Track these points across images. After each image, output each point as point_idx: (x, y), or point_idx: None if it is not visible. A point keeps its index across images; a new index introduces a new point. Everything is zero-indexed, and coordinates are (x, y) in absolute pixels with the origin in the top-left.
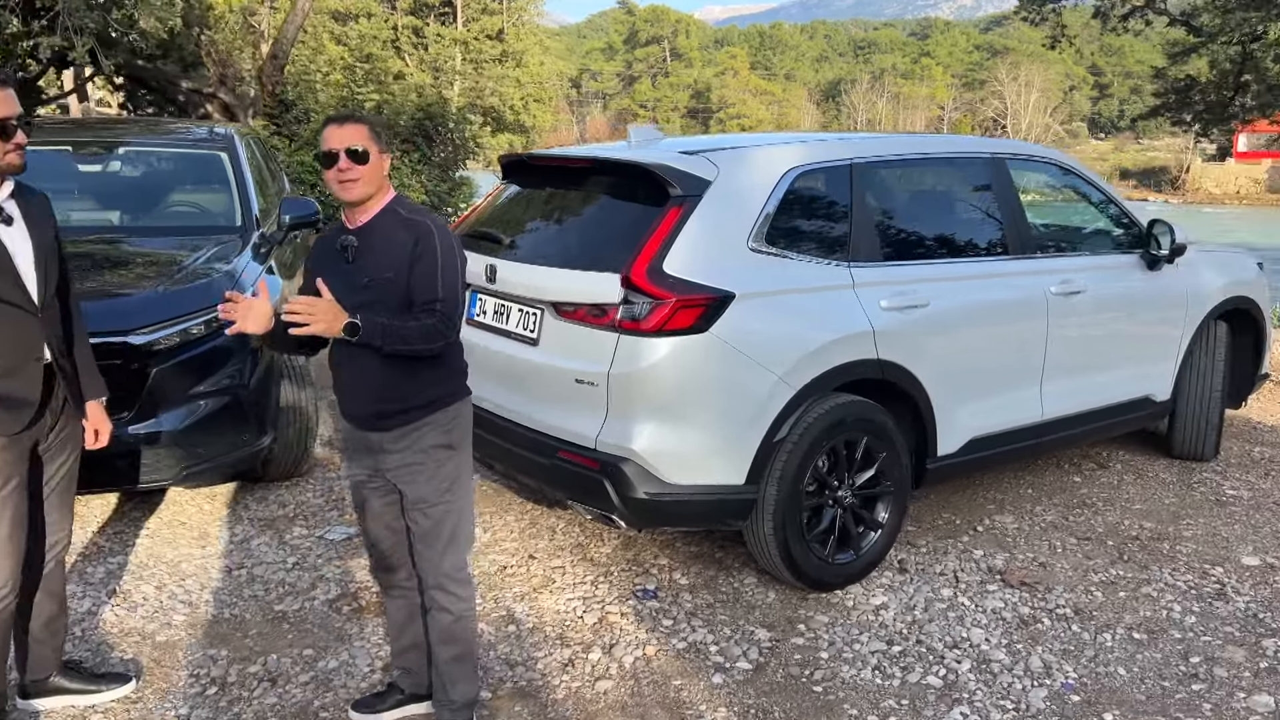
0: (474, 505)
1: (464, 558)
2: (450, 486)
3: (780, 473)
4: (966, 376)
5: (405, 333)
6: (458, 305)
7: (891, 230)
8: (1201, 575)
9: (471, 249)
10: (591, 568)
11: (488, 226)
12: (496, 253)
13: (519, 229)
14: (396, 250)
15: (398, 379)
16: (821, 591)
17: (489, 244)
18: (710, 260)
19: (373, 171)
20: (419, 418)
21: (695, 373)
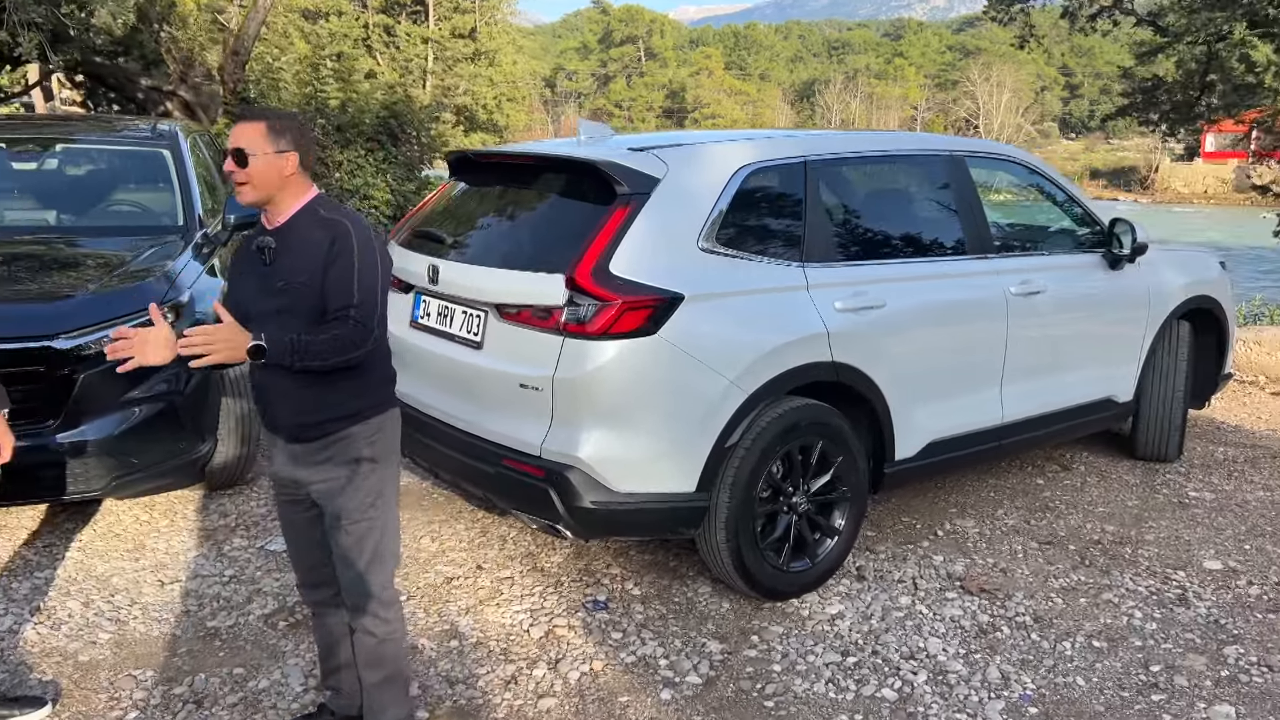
0: (399, 522)
1: (389, 577)
2: (374, 502)
3: (733, 479)
4: (924, 379)
5: (316, 347)
6: (375, 311)
7: (847, 229)
8: (1163, 580)
9: (415, 249)
10: (541, 578)
11: (431, 225)
12: (440, 253)
13: (463, 228)
14: (312, 252)
15: (317, 390)
16: (776, 601)
17: (432, 244)
18: (659, 260)
19: (260, 174)
20: (339, 430)
21: (643, 377)
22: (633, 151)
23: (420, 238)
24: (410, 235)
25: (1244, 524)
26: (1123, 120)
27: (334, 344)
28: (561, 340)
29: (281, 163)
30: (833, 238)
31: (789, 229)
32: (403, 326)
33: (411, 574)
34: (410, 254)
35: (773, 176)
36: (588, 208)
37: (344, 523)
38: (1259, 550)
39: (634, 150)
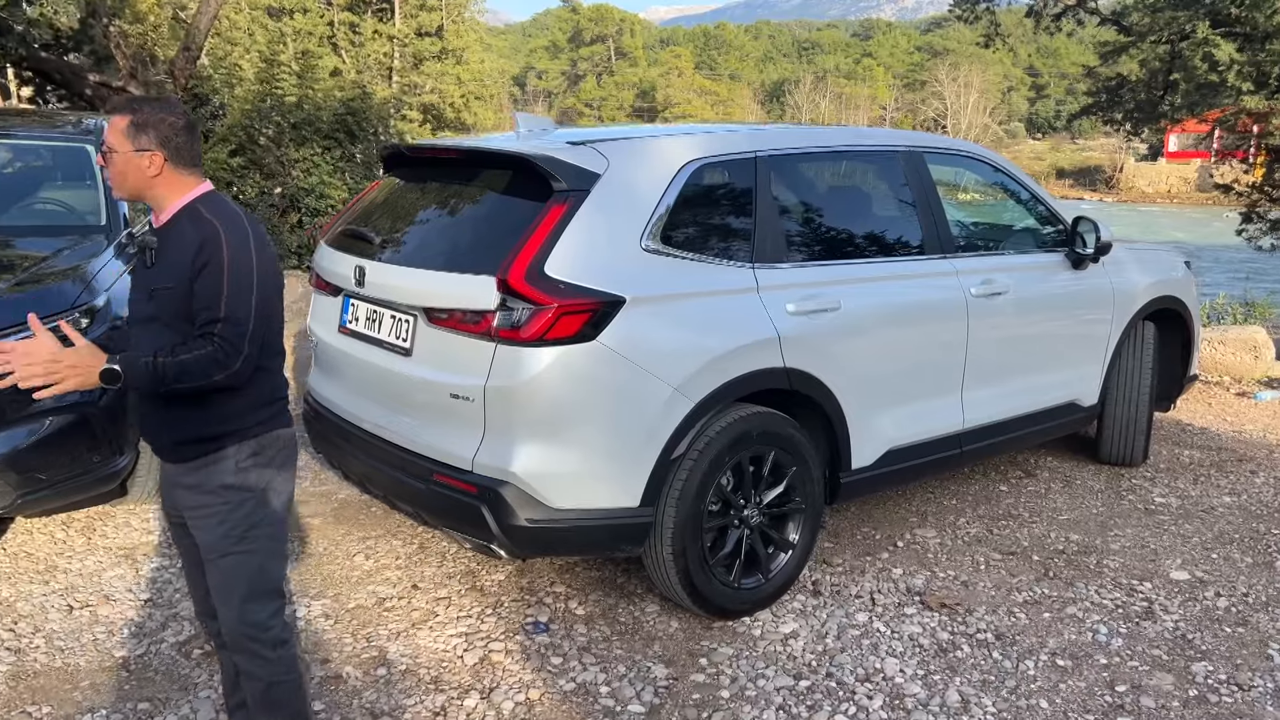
0: (283, 554)
1: (271, 614)
2: (245, 534)
3: (679, 493)
4: (881, 384)
5: (175, 369)
6: (246, 328)
7: (800, 228)
8: (1129, 592)
9: (343, 249)
10: (480, 598)
11: (360, 225)
12: (368, 253)
13: (394, 227)
14: (181, 256)
15: (185, 407)
16: (728, 619)
17: (360, 244)
18: (598, 261)
19: (119, 173)
20: (209, 451)
21: (581, 386)
22: (572, 145)
23: (349, 238)
24: (339, 235)
25: (1211, 531)
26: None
27: (197, 365)
28: (494, 347)
29: (141, 162)
30: (785, 237)
31: (739, 228)
32: (331, 332)
33: (342, 594)
34: (338, 255)
35: (721, 172)
36: (523, 205)
37: (213, 556)
38: (1226, 559)
39: (573, 144)
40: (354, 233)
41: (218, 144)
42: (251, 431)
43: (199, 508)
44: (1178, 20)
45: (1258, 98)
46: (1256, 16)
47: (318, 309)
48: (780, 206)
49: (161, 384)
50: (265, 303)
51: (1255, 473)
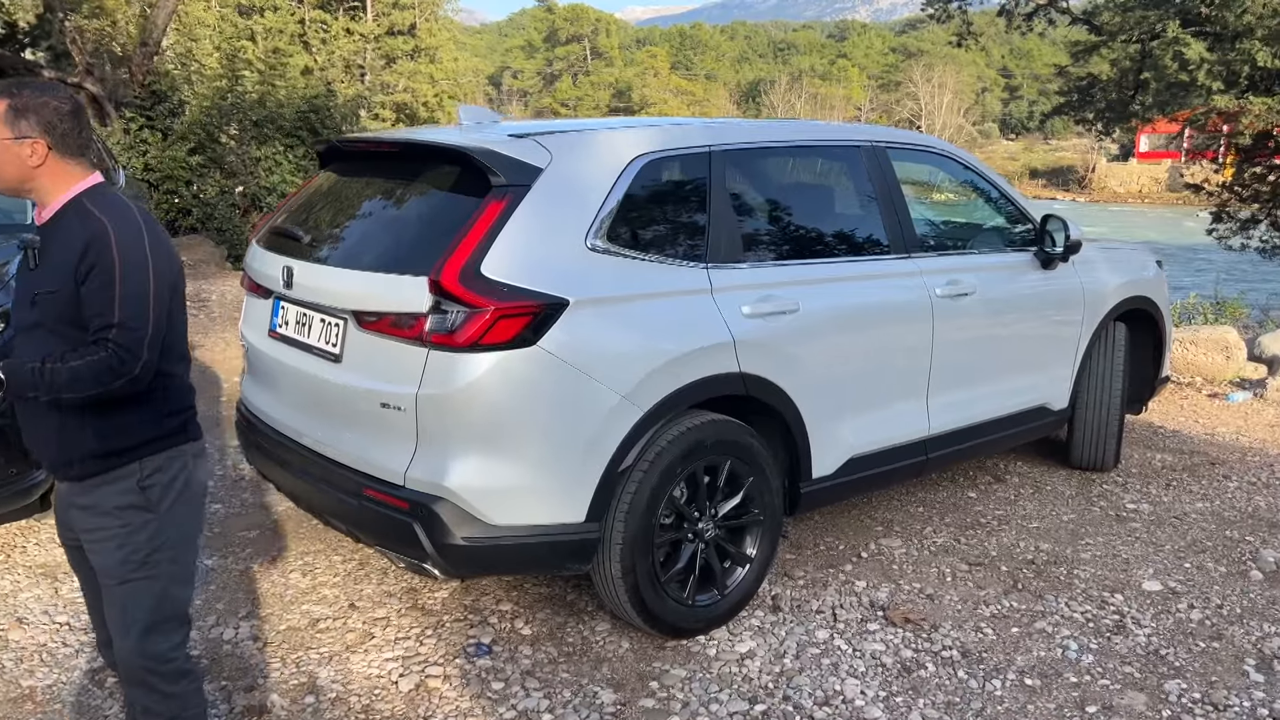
0: (190, 580)
1: (174, 646)
2: (147, 559)
3: (628, 507)
4: (842, 390)
5: (66, 376)
6: (144, 333)
7: (757, 227)
8: (1100, 605)
9: (273, 249)
10: (421, 618)
11: (290, 223)
12: (296, 253)
13: (326, 225)
14: (68, 257)
15: (78, 421)
16: (681, 639)
17: (289, 243)
18: (539, 261)
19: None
20: (106, 469)
21: (520, 394)
22: (513, 138)
23: (279, 237)
24: (269, 234)
25: (1184, 539)
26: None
27: (90, 372)
28: (426, 353)
29: (21, 151)
30: (741, 236)
31: (692, 226)
32: (261, 336)
33: (274, 615)
34: (268, 255)
35: (673, 167)
36: (460, 201)
37: (110, 582)
38: (1199, 569)
39: (515, 137)
40: (283, 231)
41: (176, 142)
42: (153, 446)
43: (95, 530)
44: (1148, 20)
45: (1227, 97)
46: (1226, 16)
47: (249, 312)
48: (736, 203)
49: (49, 391)
50: (163, 303)
51: (1228, 477)
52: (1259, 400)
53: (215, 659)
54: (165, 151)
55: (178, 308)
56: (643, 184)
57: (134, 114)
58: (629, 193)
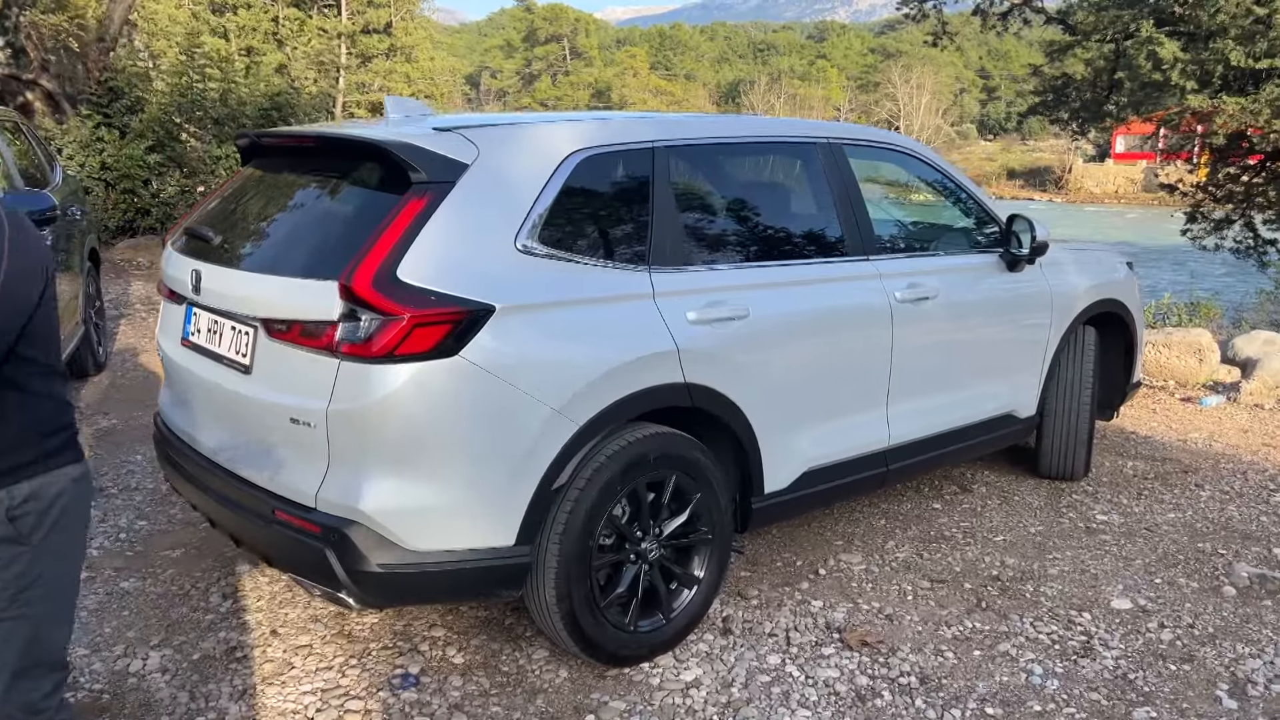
0: (70, 616)
1: (44, 694)
2: (16, 597)
3: (563, 528)
4: (797, 399)
5: None
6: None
7: (703, 227)
8: (1067, 625)
9: (186, 252)
10: (346, 646)
11: (202, 223)
12: (205, 255)
13: (238, 225)
14: None
15: None
16: (623, 667)
17: (200, 245)
18: (463, 264)
19: None
20: None
21: (441, 409)
22: (438, 132)
23: (191, 238)
24: (181, 235)
25: (1154, 552)
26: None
27: None
28: (337, 364)
29: None
30: (687, 237)
31: (633, 227)
32: (175, 345)
33: (188, 643)
34: (179, 258)
35: (613, 164)
36: (379, 200)
37: None
38: (1171, 584)
39: (440, 130)
40: (194, 232)
41: (134, 140)
42: (25, 471)
43: None
44: (1122, 19)
45: (1201, 96)
46: (1200, 15)
47: (165, 319)
48: (682, 203)
49: None
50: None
51: (1200, 485)
52: (1232, 404)
53: (118, 694)
54: (123, 150)
55: (44, 315)
56: (579, 181)
57: (90, 111)
58: (564, 191)
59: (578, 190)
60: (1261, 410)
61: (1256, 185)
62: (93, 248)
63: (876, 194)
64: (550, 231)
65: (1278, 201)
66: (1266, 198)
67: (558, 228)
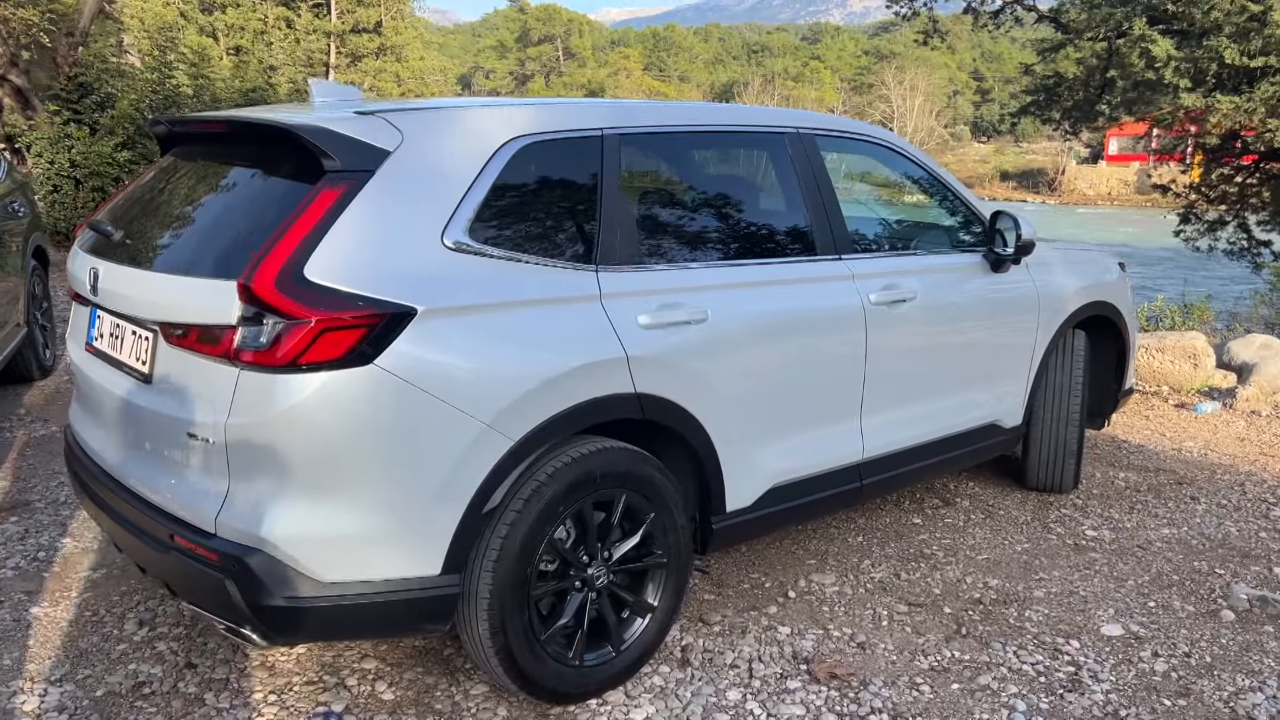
0: None
1: None
2: None
3: (497, 554)
4: (760, 410)
5: None
6: None
7: (658, 223)
8: (1053, 654)
9: (87, 248)
10: (267, 679)
11: (106, 217)
12: (105, 253)
13: (142, 220)
14: None
15: None
16: (568, 704)
17: (101, 241)
18: (382, 262)
19: None
20: None
21: (353, 423)
22: (360, 115)
23: (93, 233)
24: (86, 231)
25: (1147, 572)
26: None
27: None
28: (237, 373)
29: None
30: (640, 233)
31: (579, 222)
32: (80, 350)
33: (94, 677)
34: (83, 256)
35: (557, 153)
36: (290, 191)
37: None
38: (1165, 607)
39: (362, 114)
40: (96, 227)
41: (104, 137)
42: None
43: None
44: (1114, 17)
45: (1195, 95)
46: (1193, 12)
47: (74, 322)
48: (634, 196)
49: None
50: None
51: (1196, 499)
52: (1228, 411)
53: None
54: (92, 146)
55: None
56: (517, 171)
57: (59, 107)
58: (500, 181)
59: (516, 181)
60: (1258, 417)
61: (1250, 186)
62: (39, 246)
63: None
64: (484, 226)
65: (1272, 202)
66: (1260, 198)
67: (493, 222)
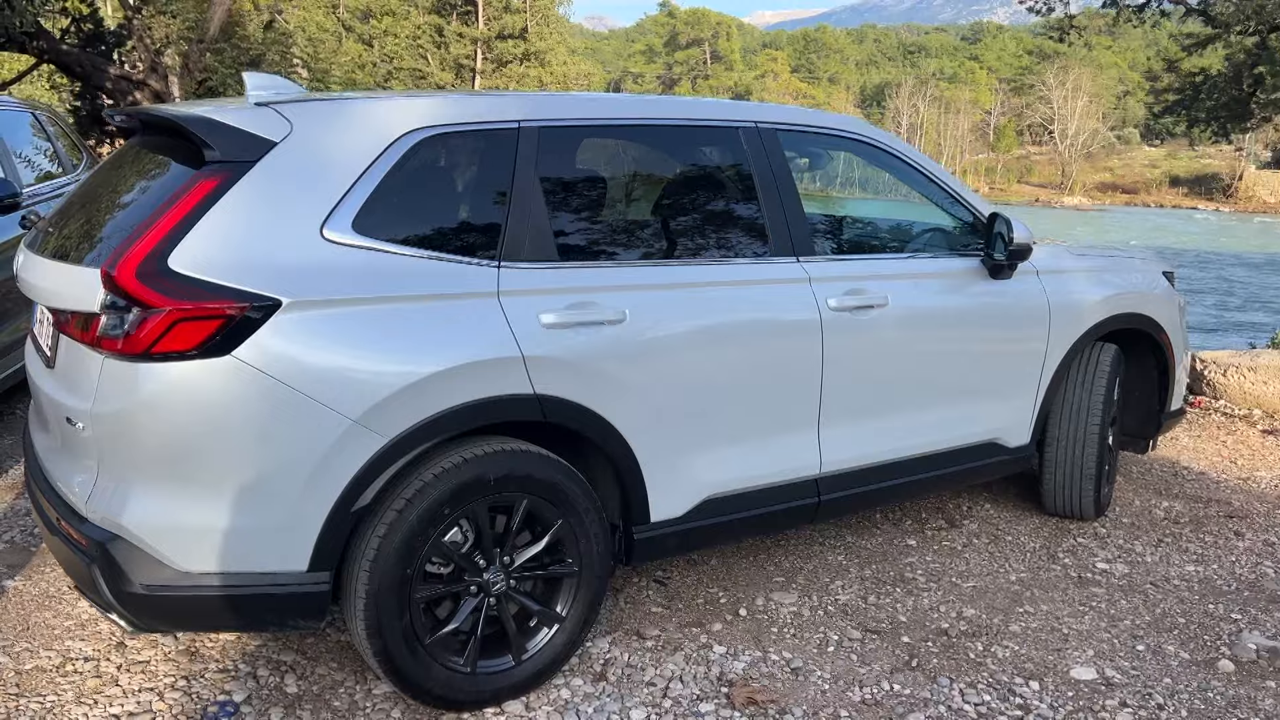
0: None
1: None
2: None
3: (374, 554)
4: (690, 418)
5: None
6: None
7: (579, 220)
8: (1005, 695)
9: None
10: (185, 664)
11: (54, 212)
12: (30, 241)
13: (67, 209)
14: None
15: None
16: (459, 712)
17: (33, 230)
18: (252, 253)
19: None
20: None
21: (209, 415)
22: (257, 107)
23: (33, 220)
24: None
25: (1151, 612)
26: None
27: None
28: (101, 360)
29: None
30: (556, 230)
31: (483, 217)
32: (31, 335)
33: (30, 650)
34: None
35: (463, 146)
36: (173, 181)
37: None
38: (1156, 653)
39: (259, 105)
40: (31, 217)
41: None
42: None
43: None
44: (1266, 9)
45: None
46: None
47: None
48: (550, 192)
49: None
50: None
51: (1240, 534)
52: None
53: None
54: None
55: None
56: (415, 164)
57: None
58: (394, 174)
59: (413, 174)
60: None
61: None
62: None
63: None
64: (371, 219)
65: None
66: None
67: (382, 215)
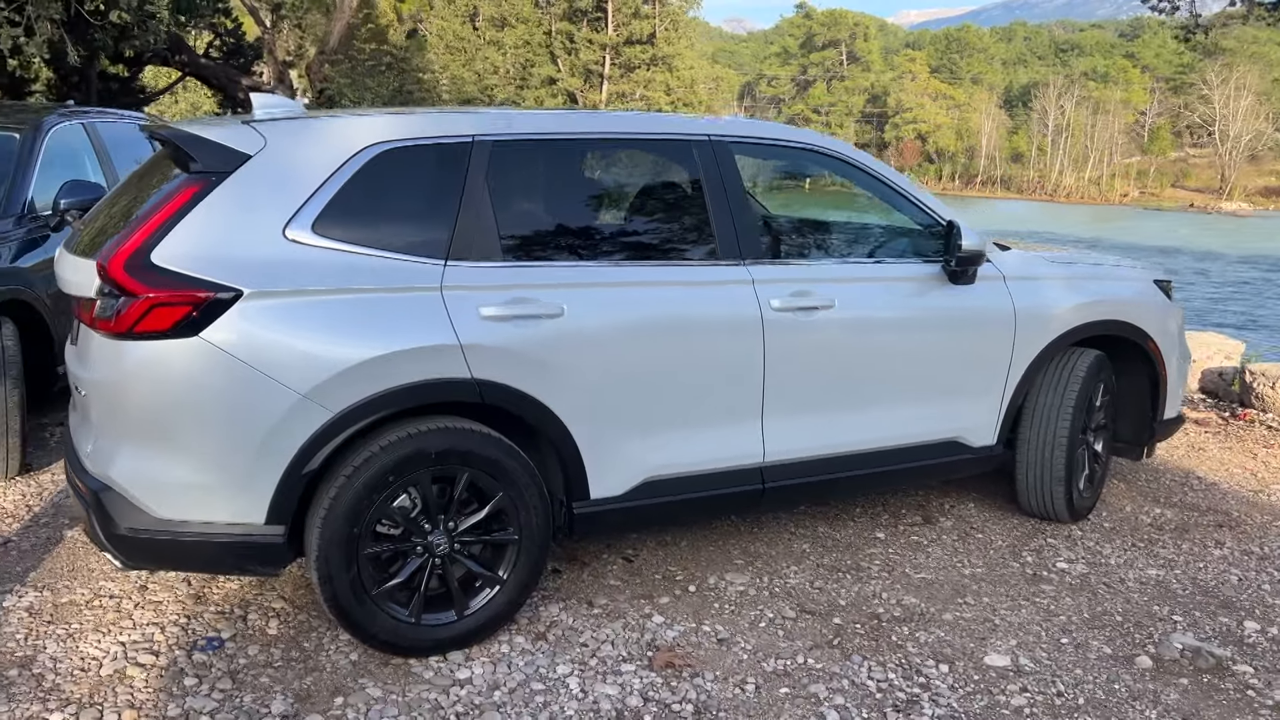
0: None
1: None
2: None
3: (325, 513)
4: (627, 405)
5: None
6: None
7: (526, 225)
8: (910, 675)
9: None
10: (191, 605)
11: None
12: (68, 239)
13: (98, 210)
14: None
15: None
16: (406, 657)
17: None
18: (220, 250)
19: None
20: None
21: (179, 387)
22: (241, 124)
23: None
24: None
25: (1090, 610)
26: None
27: None
28: (97, 338)
29: None
30: (501, 234)
31: (433, 221)
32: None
33: (69, 588)
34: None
35: (418, 158)
36: (165, 188)
37: None
38: (1078, 647)
39: (245, 124)
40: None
41: None
42: None
43: None
44: None
45: None
46: None
47: None
48: (500, 198)
49: None
50: None
51: (1221, 543)
52: None
53: None
54: None
55: None
56: (373, 174)
57: None
58: (353, 183)
59: (370, 183)
60: None
61: None
62: None
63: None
64: (330, 221)
65: None
66: None
67: (340, 218)
